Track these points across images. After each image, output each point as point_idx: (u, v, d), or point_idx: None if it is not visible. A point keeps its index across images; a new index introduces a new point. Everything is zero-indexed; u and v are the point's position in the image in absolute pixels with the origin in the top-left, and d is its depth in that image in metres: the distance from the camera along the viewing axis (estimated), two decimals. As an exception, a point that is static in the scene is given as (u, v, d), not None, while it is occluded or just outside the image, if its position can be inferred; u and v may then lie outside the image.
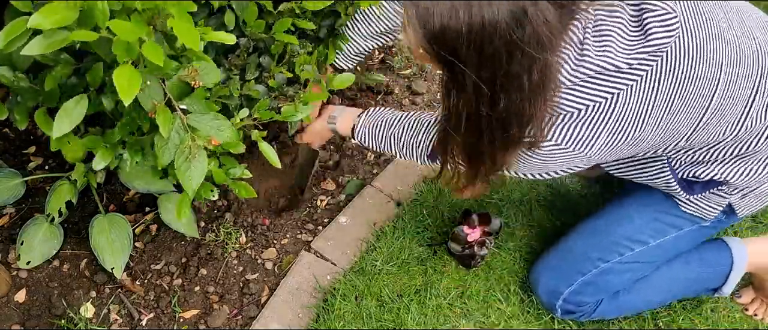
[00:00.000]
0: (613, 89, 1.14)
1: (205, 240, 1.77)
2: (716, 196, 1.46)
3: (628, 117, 1.17)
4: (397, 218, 1.88)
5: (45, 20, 0.81)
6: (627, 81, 1.13)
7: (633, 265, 1.57)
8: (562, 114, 1.17)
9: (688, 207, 1.51)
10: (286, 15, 1.36)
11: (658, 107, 1.17)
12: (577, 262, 1.59)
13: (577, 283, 1.58)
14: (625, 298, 1.61)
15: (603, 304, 1.60)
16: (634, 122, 1.18)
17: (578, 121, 1.17)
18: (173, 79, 1.11)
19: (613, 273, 1.57)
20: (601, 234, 1.60)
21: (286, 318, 1.64)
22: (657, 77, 1.14)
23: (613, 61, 1.11)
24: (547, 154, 1.22)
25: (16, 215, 1.74)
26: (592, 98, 1.14)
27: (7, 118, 1.25)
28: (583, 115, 1.16)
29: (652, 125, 1.20)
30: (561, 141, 1.19)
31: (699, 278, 1.63)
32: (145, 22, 0.89)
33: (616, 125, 1.17)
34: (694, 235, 1.57)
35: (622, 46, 1.12)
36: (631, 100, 1.15)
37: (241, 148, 1.35)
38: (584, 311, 1.61)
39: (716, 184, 1.43)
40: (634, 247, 1.55)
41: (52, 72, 1.11)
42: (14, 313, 1.59)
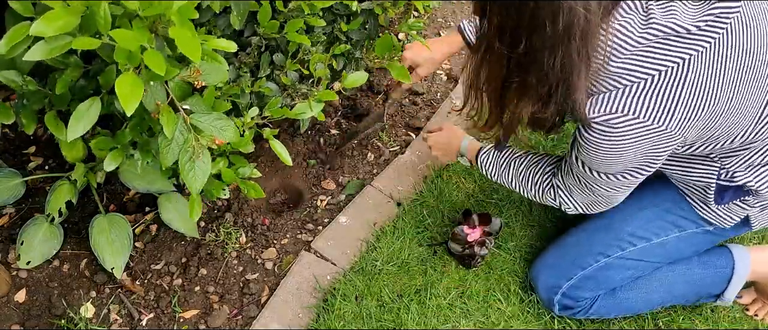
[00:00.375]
0: (684, 54, 1.12)
1: (205, 240, 1.77)
2: (738, 207, 1.46)
3: (703, 85, 1.15)
4: (397, 218, 1.88)
5: (47, 27, 0.81)
6: (698, 45, 1.12)
7: (634, 263, 1.57)
8: (634, 82, 1.15)
9: (704, 211, 1.50)
10: (295, 13, 1.36)
11: (730, 78, 1.16)
12: (579, 257, 1.61)
13: (577, 278, 1.59)
14: (624, 295, 1.61)
15: (600, 301, 1.61)
16: (708, 92, 1.16)
17: (653, 88, 1.14)
18: (176, 80, 1.11)
19: (614, 268, 1.57)
20: (604, 229, 1.61)
21: (286, 318, 1.64)
22: (726, 45, 1.13)
23: (681, 23, 1.10)
24: (622, 129, 1.18)
25: (16, 215, 1.74)
26: (664, 63, 1.13)
27: (10, 118, 1.26)
28: (657, 81, 1.14)
29: (726, 97, 1.18)
30: (638, 112, 1.15)
31: (699, 280, 1.63)
32: (147, 29, 0.89)
33: (690, 94, 1.15)
34: (698, 239, 1.57)
35: (687, 10, 1.12)
36: (704, 67, 1.13)
37: (250, 147, 1.35)
38: (581, 307, 1.62)
39: (744, 193, 1.42)
40: (637, 243, 1.56)
41: (62, 75, 1.11)
42: (14, 313, 1.59)
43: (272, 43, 1.44)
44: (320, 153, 2.05)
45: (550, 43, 1.05)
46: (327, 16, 1.51)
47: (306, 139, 2.06)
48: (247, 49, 1.41)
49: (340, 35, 1.57)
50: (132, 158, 1.34)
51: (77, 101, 1.17)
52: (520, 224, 1.90)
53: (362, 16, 1.59)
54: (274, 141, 1.36)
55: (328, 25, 1.54)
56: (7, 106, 1.24)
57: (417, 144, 2.10)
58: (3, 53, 0.89)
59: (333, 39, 1.58)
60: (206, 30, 1.26)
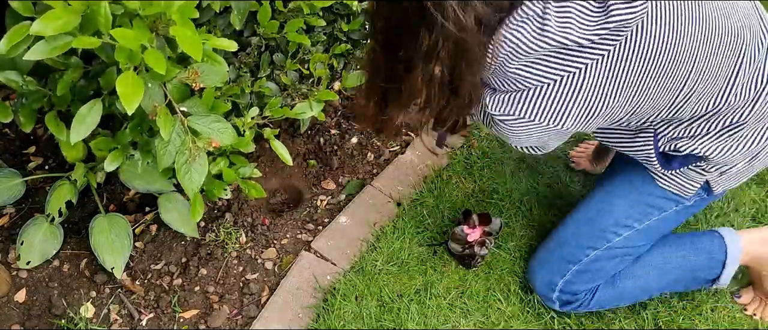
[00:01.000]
0: (578, 64, 1.14)
1: (205, 240, 1.77)
2: (694, 173, 1.48)
3: (598, 91, 1.17)
4: (397, 218, 1.88)
5: (47, 27, 0.81)
6: (590, 57, 1.13)
7: (622, 250, 1.58)
8: (531, 88, 1.18)
9: (665, 183, 1.52)
10: (295, 13, 1.37)
11: (631, 80, 1.18)
12: (568, 252, 1.61)
13: (570, 273, 1.60)
14: (622, 283, 1.62)
15: (600, 292, 1.62)
16: (604, 96, 1.18)
17: (547, 94, 1.18)
18: (174, 82, 1.11)
19: (604, 259, 1.59)
20: (588, 223, 1.62)
21: (286, 318, 1.64)
22: (626, 51, 1.14)
23: (573, 37, 1.10)
24: (522, 128, 1.24)
25: (16, 215, 1.74)
26: (559, 72, 1.15)
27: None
28: (552, 88, 1.17)
29: (626, 98, 1.21)
30: (533, 116, 1.20)
31: (695, 265, 1.64)
32: (148, 28, 0.89)
33: (585, 99, 1.18)
34: (678, 215, 1.59)
35: (583, 23, 1.11)
36: (599, 75, 1.15)
37: (251, 146, 1.35)
38: (581, 300, 1.62)
39: (695, 159, 1.44)
40: (621, 231, 1.57)
41: (63, 76, 1.11)
42: (14, 313, 1.59)
43: (272, 43, 1.44)
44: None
45: (425, 56, 1.07)
46: (327, 16, 1.52)
47: (306, 139, 2.06)
48: (247, 49, 1.41)
49: (340, 35, 1.57)
50: (132, 158, 1.34)
51: (78, 102, 1.17)
52: (520, 224, 1.90)
53: (362, 15, 1.59)
54: (274, 141, 1.37)
55: (328, 25, 1.54)
56: (5, 105, 1.24)
57: (417, 144, 2.10)
58: (3, 53, 0.90)
59: (333, 39, 1.58)
60: (206, 30, 1.26)
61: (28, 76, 1.17)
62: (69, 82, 1.12)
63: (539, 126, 1.22)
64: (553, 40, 1.10)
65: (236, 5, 1.25)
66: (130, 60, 0.87)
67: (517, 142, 1.34)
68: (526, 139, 1.30)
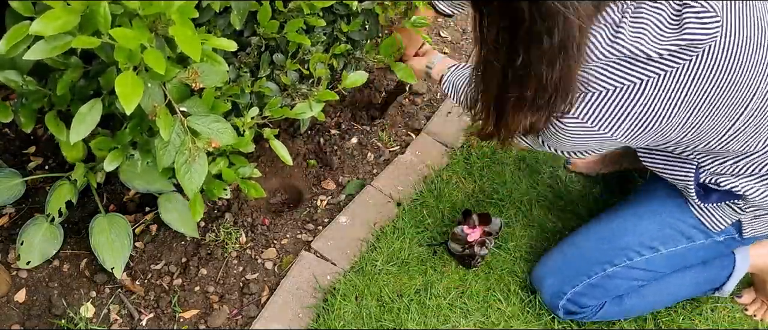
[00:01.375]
0: (643, 76, 1.14)
1: (205, 240, 1.77)
2: (729, 209, 1.46)
3: (655, 106, 1.17)
4: (397, 218, 1.88)
5: (46, 26, 0.81)
6: (657, 70, 1.14)
7: (641, 272, 1.56)
8: (591, 92, 1.18)
9: (698, 213, 1.50)
10: (295, 13, 1.37)
11: (688, 103, 1.18)
12: (584, 265, 1.59)
13: (582, 285, 1.58)
14: (630, 302, 1.61)
15: (606, 307, 1.61)
16: (661, 112, 1.18)
17: (605, 100, 1.18)
18: (174, 82, 1.11)
19: (620, 278, 1.56)
20: (611, 238, 1.59)
21: (286, 318, 1.64)
22: (691, 72, 1.14)
23: (644, 49, 1.11)
24: (572, 129, 1.23)
25: (16, 215, 1.74)
26: (622, 81, 1.15)
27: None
28: (611, 95, 1.17)
29: (681, 119, 1.20)
30: (587, 119, 1.20)
31: (704, 281, 1.64)
32: (147, 28, 0.89)
33: (641, 112, 1.18)
34: (705, 251, 1.56)
35: (656, 36, 1.12)
36: (660, 90, 1.15)
37: (250, 146, 1.35)
38: (586, 313, 1.62)
39: (733, 197, 1.43)
40: (644, 252, 1.55)
41: (62, 76, 1.11)
42: (14, 313, 1.59)
43: (272, 43, 1.44)
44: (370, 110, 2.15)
45: (548, 57, 1.05)
46: (327, 16, 1.52)
47: (306, 139, 2.06)
48: (246, 49, 1.41)
49: (340, 35, 1.57)
50: (132, 158, 1.34)
51: (78, 102, 1.17)
52: (520, 224, 1.90)
53: (362, 16, 1.59)
54: (274, 141, 1.36)
55: (328, 25, 1.54)
56: (5, 105, 1.24)
57: (417, 144, 2.10)
58: (3, 53, 0.89)
59: (333, 39, 1.58)
60: (206, 30, 1.26)
61: (28, 76, 1.17)
62: (69, 81, 1.12)
63: (590, 130, 1.22)
64: (624, 49, 1.11)
65: (236, 5, 1.25)
66: (130, 60, 0.87)
67: (562, 145, 1.33)
68: (573, 143, 1.30)
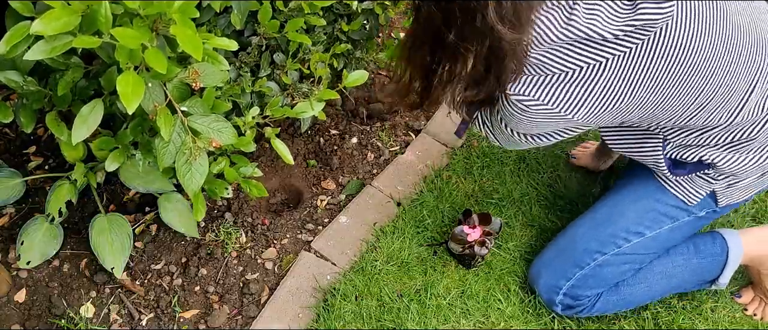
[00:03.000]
0: (600, 57, 1.15)
1: (205, 240, 1.77)
2: (701, 180, 1.48)
3: (616, 85, 1.19)
4: (397, 218, 1.88)
5: (47, 26, 0.81)
6: (614, 51, 1.15)
7: (630, 257, 1.58)
8: (550, 74, 1.19)
9: (673, 188, 1.52)
10: (295, 13, 1.37)
11: (647, 82, 1.19)
12: (575, 256, 1.61)
13: (576, 277, 1.59)
14: (625, 290, 1.62)
15: (603, 298, 1.61)
16: (622, 91, 1.20)
17: (565, 83, 1.19)
18: (174, 81, 1.11)
19: (611, 265, 1.58)
20: (598, 227, 1.61)
21: (286, 318, 1.64)
22: (648, 52, 1.15)
23: (599, 30, 1.12)
24: (533, 111, 1.24)
25: (16, 215, 1.74)
26: (579, 62, 1.16)
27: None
28: (571, 77, 1.18)
29: (641, 99, 1.22)
30: (548, 101, 1.21)
31: (697, 268, 1.63)
32: (148, 27, 0.89)
33: (602, 92, 1.19)
34: (688, 227, 1.58)
35: (610, 16, 1.13)
36: (620, 70, 1.17)
37: (251, 146, 1.35)
38: (584, 305, 1.62)
39: (703, 167, 1.45)
40: (631, 238, 1.56)
41: (63, 76, 1.11)
42: (14, 313, 1.59)
43: (272, 42, 1.44)
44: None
45: (480, 33, 1.08)
46: (327, 15, 1.52)
47: (306, 139, 2.06)
48: (247, 48, 1.41)
49: (341, 35, 1.57)
50: (133, 158, 1.34)
51: (78, 102, 1.17)
52: (520, 224, 1.90)
53: (362, 15, 1.59)
54: (275, 140, 1.37)
55: (329, 24, 1.54)
56: (6, 105, 1.24)
57: (417, 144, 2.10)
58: (3, 53, 0.89)
59: (333, 38, 1.58)
60: (207, 29, 1.26)
61: (29, 76, 1.17)
62: (69, 81, 1.12)
63: (551, 112, 1.23)
64: (578, 31, 1.12)
65: (237, 5, 1.25)
66: (131, 59, 0.87)
67: (523, 127, 1.33)
68: (534, 125, 1.30)
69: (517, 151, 2.07)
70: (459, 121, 1.64)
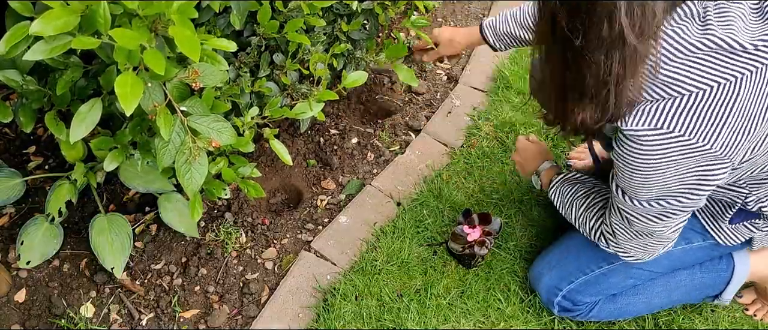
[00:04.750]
0: (737, 72, 1.05)
1: (205, 240, 1.77)
2: (745, 229, 1.45)
3: (751, 107, 1.08)
4: (397, 218, 1.88)
5: (46, 27, 0.81)
6: (751, 66, 1.05)
7: (637, 271, 1.56)
8: (681, 95, 1.07)
9: (714, 230, 1.49)
10: (295, 13, 1.37)
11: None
12: (581, 261, 1.60)
13: (578, 282, 1.59)
14: (625, 301, 1.61)
15: (600, 305, 1.61)
16: (756, 114, 1.09)
17: (700, 103, 1.06)
18: (174, 81, 1.11)
19: (616, 275, 1.56)
20: None
21: (286, 318, 1.64)
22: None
23: (738, 39, 1.03)
24: (661, 149, 1.10)
25: (16, 215, 1.74)
26: (715, 77, 1.05)
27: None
28: (707, 96, 1.06)
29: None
30: (681, 130, 1.07)
31: (700, 284, 1.63)
32: (147, 28, 0.89)
33: (741, 112, 1.07)
34: (702, 252, 1.55)
35: (745, 27, 1.05)
36: (755, 87, 1.06)
37: (250, 146, 1.35)
38: (581, 310, 1.62)
39: (755, 216, 1.40)
40: None
41: (62, 76, 1.11)
42: (14, 312, 1.59)
43: (272, 42, 1.44)
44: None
45: (607, 43, 0.99)
46: (327, 16, 1.52)
47: (306, 139, 2.06)
48: (246, 49, 1.41)
49: (340, 35, 1.57)
50: (132, 158, 1.34)
51: (78, 101, 1.17)
52: (520, 224, 1.90)
53: (362, 15, 1.59)
54: (274, 141, 1.37)
55: (329, 24, 1.54)
56: (5, 105, 1.24)
57: (417, 144, 2.10)
58: (3, 53, 0.90)
59: (333, 39, 1.58)
60: (206, 30, 1.26)
61: (28, 76, 1.18)
62: (68, 81, 1.12)
63: (682, 143, 1.09)
64: (717, 39, 1.03)
65: (236, 5, 1.25)
66: (130, 60, 0.87)
67: (643, 183, 1.19)
68: (656, 173, 1.15)
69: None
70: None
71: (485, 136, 2.12)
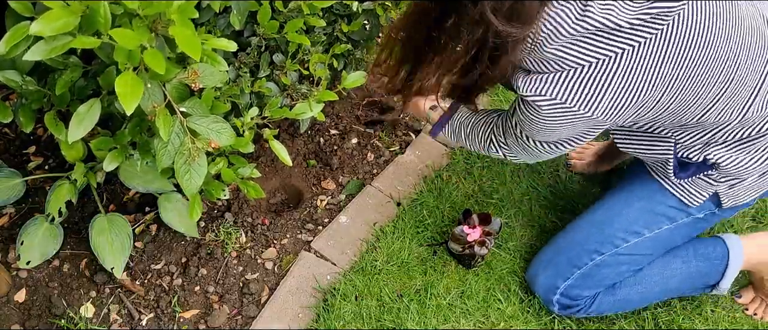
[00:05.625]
0: (616, 48, 1.16)
1: (205, 240, 1.77)
2: (703, 182, 1.49)
3: (633, 78, 1.19)
4: (397, 218, 1.88)
5: (46, 27, 0.81)
6: (629, 42, 1.15)
7: (629, 257, 1.58)
8: (566, 70, 1.19)
9: (674, 190, 1.53)
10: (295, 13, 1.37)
11: (665, 73, 1.19)
12: (573, 256, 1.61)
13: (574, 277, 1.60)
14: (623, 291, 1.62)
15: (600, 298, 1.61)
16: (639, 84, 1.20)
17: (582, 77, 1.19)
18: (173, 82, 1.11)
19: (609, 265, 1.58)
20: (596, 227, 1.61)
21: (286, 318, 1.64)
22: (665, 42, 1.16)
23: (615, 19, 1.12)
24: (550, 112, 1.23)
25: (16, 215, 1.74)
26: (595, 54, 1.16)
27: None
28: (587, 72, 1.18)
29: (659, 91, 1.22)
30: (566, 99, 1.20)
31: (696, 272, 1.63)
32: (147, 28, 0.89)
33: (619, 85, 1.19)
34: (688, 228, 1.59)
35: (625, 7, 1.13)
36: (635, 62, 1.17)
37: (250, 147, 1.35)
38: (581, 306, 1.62)
39: (706, 168, 1.45)
40: (629, 238, 1.57)
41: (62, 76, 1.11)
42: (14, 313, 1.59)
43: (272, 43, 1.44)
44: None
45: (475, 23, 1.09)
46: (327, 16, 1.52)
47: (306, 139, 2.06)
48: (246, 49, 1.41)
49: (340, 35, 1.57)
50: (131, 158, 1.34)
51: (77, 101, 1.17)
52: (520, 224, 1.90)
53: (363, 16, 1.59)
54: (274, 142, 1.36)
55: (329, 25, 1.54)
56: (5, 105, 1.24)
57: (417, 144, 2.10)
58: (3, 53, 0.89)
59: (333, 39, 1.58)
60: (206, 30, 1.26)
61: (28, 76, 1.18)
62: (68, 81, 1.12)
63: (569, 111, 1.22)
64: (594, 22, 1.12)
65: (236, 5, 1.25)
66: (130, 60, 0.87)
67: (540, 133, 1.33)
68: (551, 129, 1.30)
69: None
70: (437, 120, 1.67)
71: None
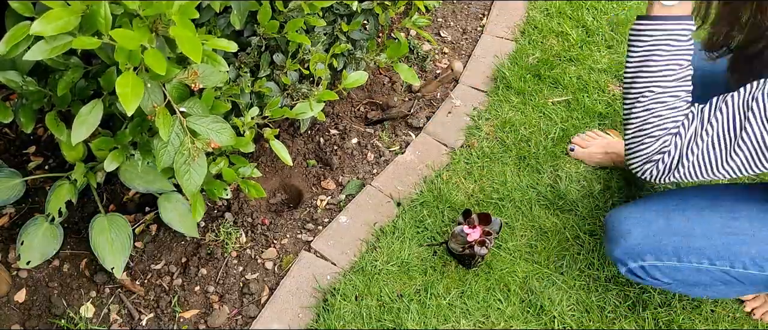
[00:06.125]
0: None
1: (205, 240, 1.77)
2: None
3: None
4: (397, 218, 1.88)
5: (47, 27, 0.81)
6: None
7: (733, 281, 1.40)
8: None
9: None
10: (295, 13, 1.37)
11: None
12: (684, 247, 1.39)
13: (666, 265, 1.42)
14: (698, 291, 1.46)
15: (673, 286, 1.47)
16: None
17: None
18: (173, 82, 1.11)
19: (710, 276, 1.40)
20: (725, 237, 1.38)
21: (286, 318, 1.64)
22: None
23: None
24: None
25: (16, 215, 1.74)
26: None
27: (10, 118, 1.26)
28: None
29: None
30: None
31: None
32: (147, 28, 0.89)
33: None
34: None
35: None
36: None
37: (250, 147, 1.35)
38: (648, 282, 1.46)
39: None
40: (750, 267, 1.36)
41: (63, 76, 1.11)
42: (14, 313, 1.59)
43: (272, 43, 1.44)
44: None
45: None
46: (327, 16, 1.52)
47: (306, 139, 2.06)
48: (247, 49, 1.42)
49: (340, 35, 1.57)
50: (132, 158, 1.34)
51: (78, 102, 1.17)
52: (520, 224, 1.90)
53: (362, 15, 1.59)
54: (274, 141, 1.37)
55: (329, 25, 1.54)
56: (6, 105, 1.24)
57: (417, 144, 2.10)
58: (3, 53, 0.90)
59: (333, 39, 1.58)
60: (206, 30, 1.26)
61: (29, 77, 1.18)
62: (69, 82, 1.13)
63: None
64: None
65: (236, 5, 1.25)
66: (130, 60, 0.87)
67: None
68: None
69: (518, 153, 2.06)
70: None
71: (485, 136, 2.12)
